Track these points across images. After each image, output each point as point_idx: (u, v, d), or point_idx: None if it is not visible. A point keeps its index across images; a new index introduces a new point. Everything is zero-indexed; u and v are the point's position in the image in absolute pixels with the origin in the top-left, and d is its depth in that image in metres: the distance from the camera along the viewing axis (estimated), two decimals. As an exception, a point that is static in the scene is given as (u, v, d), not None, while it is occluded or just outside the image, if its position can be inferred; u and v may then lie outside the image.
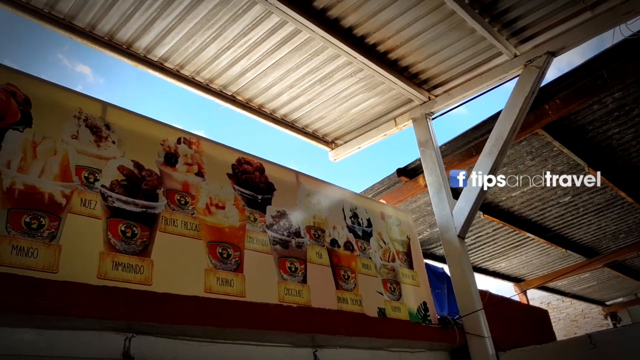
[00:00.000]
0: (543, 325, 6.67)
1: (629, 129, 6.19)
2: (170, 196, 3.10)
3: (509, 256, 10.13)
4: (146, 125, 3.25)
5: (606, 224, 9.09)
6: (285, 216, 3.84)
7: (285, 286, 3.47)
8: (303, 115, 5.74)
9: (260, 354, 3.14)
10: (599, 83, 5.13)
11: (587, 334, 3.89)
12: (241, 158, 3.75)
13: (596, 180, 5.76)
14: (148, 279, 2.71)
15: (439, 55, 4.89)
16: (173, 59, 4.70)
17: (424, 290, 4.76)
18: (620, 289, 14.42)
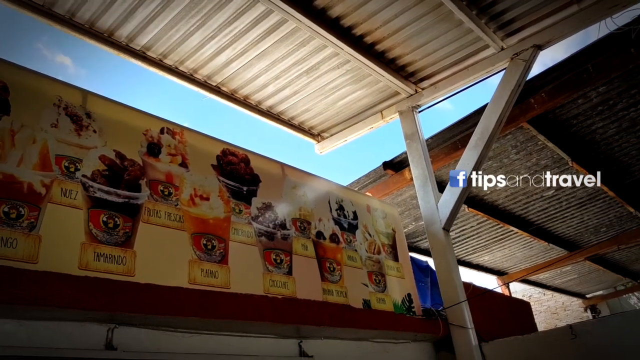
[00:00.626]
0: (525, 316, 6.75)
1: (612, 123, 6.27)
2: (153, 187, 3.05)
3: (492, 249, 10.23)
4: (128, 115, 3.19)
5: (588, 218, 9.22)
6: (271, 208, 3.81)
7: (270, 278, 3.45)
8: (289, 107, 5.69)
9: (245, 345, 3.12)
10: (584, 77, 5.17)
11: (569, 324, 3.94)
12: (226, 149, 3.71)
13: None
14: (131, 270, 2.67)
15: (426, 47, 4.87)
16: (156, 48, 4.61)
17: (408, 282, 4.78)
18: (600, 282, 14.67)
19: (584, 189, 7.91)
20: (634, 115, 6.15)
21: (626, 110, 6.05)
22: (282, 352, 3.34)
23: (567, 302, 16.47)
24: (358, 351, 3.89)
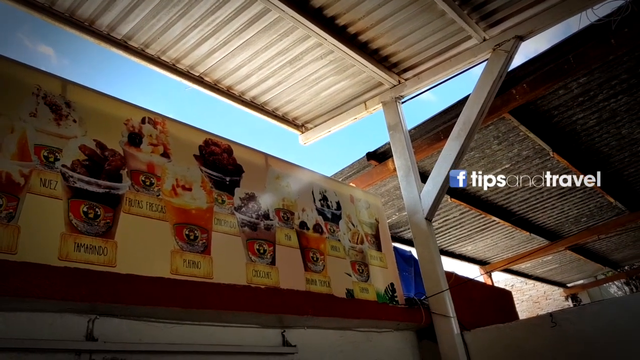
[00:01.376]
0: (506, 305, 6.85)
1: (593, 114, 6.35)
2: (134, 177, 3.03)
3: (475, 239, 10.35)
4: (109, 104, 3.16)
5: (569, 208, 9.36)
6: (254, 198, 3.81)
7: (253, 268, 3.46)
8: (273, 98, 5.67)
9: (228, 335, 3.13)
10: (565, 68, 5.22)
11: (549, 312, 4.01)
12: (208, 139, 3.69)
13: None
14: (112, 260, 2.66)
15: (409, 38, 4.88)
16: (137, 38, 4.55)
17: (391, 272, 4.82)
18: (580, 272, 14.93)
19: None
20: (614, 106, 6.24)
21: (606, 101, 6.13)
22: (265, 342, 3.35)
23: (548, 291, 16.75)
24: (341, 340, 3.92)
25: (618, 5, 4.65)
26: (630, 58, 5.44)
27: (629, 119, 6.55)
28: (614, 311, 3.65)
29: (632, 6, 4.65)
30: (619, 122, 6.59)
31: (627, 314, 3.56)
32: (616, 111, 6.33)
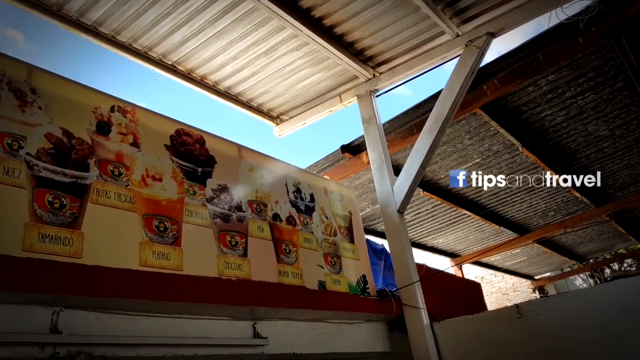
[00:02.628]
0: (475, 297, 6.99)
1: (561, 111, 6.50)
2: (102, 166, 2.97)
3: (446, 232, 10.51)
4: (77, 92, 3.08)
5: (537, 202, 9.60)
6: (227, 190, 3.78)
7: (225, 260, 3.44)
8: (247, 89, 5.61)
9: (198, 327, 3.10)
10: (534, 65, 5.33)
11: (516, 304, 4.10)
12: (180, 129, 3.63)
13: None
14: (78, 251, 2.60)
15: (384, 32, 4.89)
16: (108, 24, 4.44)
17: (363, 264, 4.86)
18: (548, 264, 15.34)
19: (534, 174, 8.21)
20: (582, 104, 6.41)
21: (574, 99, 6.29)
22: (235, 334, 3.34)
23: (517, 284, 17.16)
24: (312, 332, 3.94)
25: (586, 5, 4.76)
26: (597, 57, 5.59)
27: (595, 117, 6.74)
28: (576, 303, 3.75)
29: (599, 6, 4.76)
30: (586, 119, 6.77)
31: (589, 305, 3.67)
32: (583, 108, 6.50)
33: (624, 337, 3.44)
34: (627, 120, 6.95)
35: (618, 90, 6.22)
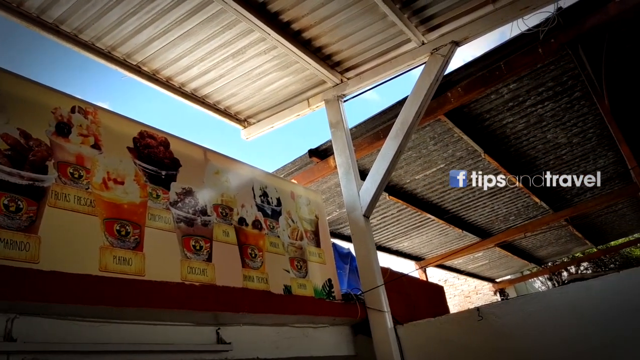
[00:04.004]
0: (438, 300, 7.11)
1: (521, 118, 6.70)
2: (61, 169, 2.88)
3: (411, 236, 10.67)
4: (35, 91, 2.98)
5: (498, 207, 9.85)
6: (191, 193, 3.73)
7: (188, 265, 3.39)
8: (214, 91, 5.56)
9: (160, 334, 3.05)
10: (496, 74, 5.48)
11: (476, 307, 4.19)
12: (144, 131, 3.57)
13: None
14: (34, 256, 2.52)
15: (351, 38, 4.93)
16: (70, 22, 4.32)
17: (329, 268, 4.88)
18: (508, 267, 15.75)
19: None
20: (541, 112, 6.63)
21: (534, 107, 6.50)
22: (198, 340, 3.30)
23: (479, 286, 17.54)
24: (277, 336, 3.93)
25: (546, 17, 4.93)
26: (556, 67, 5.80)
27: (554, 125, 6.98)
28: (533, 305, 3.85)
29: (559, 18, 4.94)
30: (545, 127, 7.00)
31: (545, 307, 3.78)
32: (542, 116, 6.73)
33: (578, 338, 3.56)
34: (584, 128, 7.22)
35: (576, 99, 6.47)
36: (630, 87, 6.62)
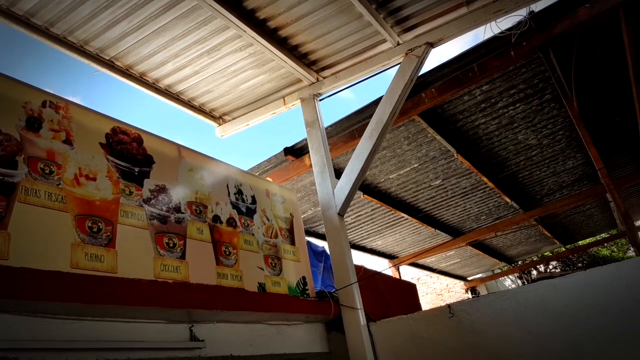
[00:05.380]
0: (411, 297, 7.21)
1: (493, 120, 6.85)
2: (32, 164, 2.83)
3: (385, 234, 10.77)
4: (5, 85, 2.92)
5: (470, 206, 10.03)
6: (165, 191, 3.70)
7: (162, 262, 3.37)
8: (189, 88, 5.52)
9: (132, 331, 3.02)
10: (469, 75, 5.58)
11: (447, 304, 4.26)
12: (117, 127, 3.53)
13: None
14: (4, 253, 2.47)
15: (327, 37, 4.96)
16: (41, 15, 4.24)
17: (304, 265, 4.90)
18: (479, 266, 16.04)
19: (468, 179, 8.60)
20: (512, 114, 6.78)
21: (505, 109, 6.65)
22: (171, 337, 3.28)
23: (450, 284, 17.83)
24: (250, 334, 3.93)
25: (518, 20, 5.05)
26: (528, 70, 5.94)
27: (525, 126, 7.15)
28: (503, 303, 3.94)
29: (530, 22, 5.07)
30: (516, 128, 7.17)
31: (514, 305, 3.87)
32: (514, 118, 6.88)
33: (546, 334, 3.65)
34: (554, 130, 7.42)
35: (546, 102, 6.64)
36: (598, 91, 6.83)
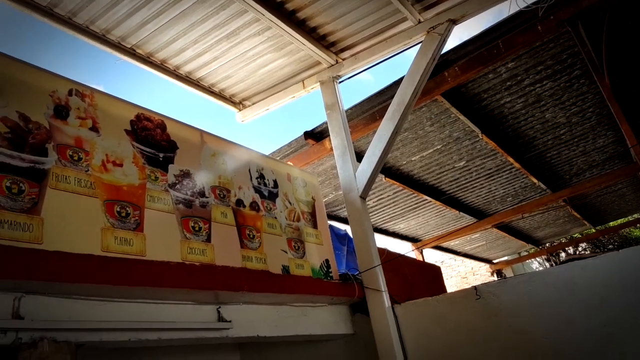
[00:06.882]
0: (436, 280, 7.17)
1: (519, 98, 6.69)
2: (61, 151, 2.90)
3: (407, 217, 10.72)
4: (33, 75, 2.98)
5: (495, 188, 9.89)
6: (189, 175, 3.75)
7: (188, 245, 3.43)
8: (209, 74, 5.55)
9: (162, 312, 3.10)
10: (494, 52, 5.44)
11: (474, 286, 4.23)
12: (140, 114, 3.58)
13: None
14: (38, 237, 2.55)
15: (347, 17, 4.90)
16: (64, 5, 4.29)
17: (326, 248, 4.93)
18: (505, 248, 15.86)
19: (493, 160, 8.47)
20: (540, 91, 6.61)
21: (532, 86, 6.48)
22: (200, 318, 3.35)
23: (476, 267, 17.70)
24: (276, 315, 3.99)
25: (545, -8, 4.89)
26: (556, 45, 5.76)
27: (553, 104, 6.97)
28: (531, 285, 3.88)
29: (558, -6, 4.90)
30: (544, 106, 6.99)
31: (543, 287, 3.80)
32: (541, 96, 6.71)
33: (575, 317, 3.58)
34: (584, 107, 7.21)
35: (575, 78, 6.44)
36: (631, 65, 6.57)
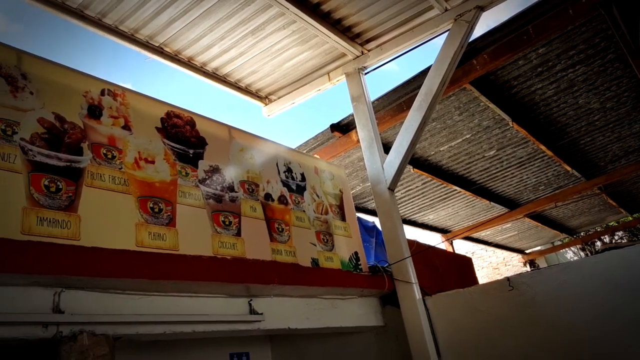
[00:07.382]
0: (467, 271, 7.10)
1: (551, 84, 6.52)
2: (95, 150, 2.99)
3: (436, 208, 10.61)
4: (66, 76, 3.08)
5: (527, 177, 9.68)
6: (218, 171, 3.81)
7: (219, 239, 3.49)
8: (235, 69, 5.60)
9: (196, 305, 3.17)
10: (524, 38, 5.30)
11: (507, 277, 4.16)
12: (170, 111, 3.65)
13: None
14: (76, 234, 2.64)
15: (371, 7, 4.86)
16: (94, 6, 4.40)
17: (355, 241, 4.94)
18: (538, 238, 15.54)
19: (524, 149, 8.30)
20: (572, 77, 6.42)
21: (564, 72, 6.30)
22: (232, 311, 3.41)
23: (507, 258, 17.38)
24: (307, 307, 4.03)
25: (575, -24, 4.74)
26: (588, 28, 5.57)
27: (586, 89, 6.76)
28: (566, 275, 3.80)
29: (589, -24, 4.75)
30: (576, 92, 6.80)
31: (579, 277, 3.71)
32: (574, 81, 6.52)
33: (614, 308, 3.48)
34: (618, 92, 6.97)
35: (609, 62, 6.23)
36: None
